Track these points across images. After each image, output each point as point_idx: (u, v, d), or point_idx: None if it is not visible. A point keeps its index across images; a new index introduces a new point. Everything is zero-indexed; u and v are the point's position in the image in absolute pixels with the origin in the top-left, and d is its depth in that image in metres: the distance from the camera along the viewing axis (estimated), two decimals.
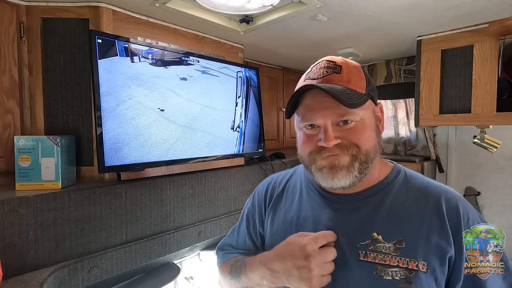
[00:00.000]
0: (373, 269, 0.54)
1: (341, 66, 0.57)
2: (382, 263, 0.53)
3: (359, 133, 0.55)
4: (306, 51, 1.77)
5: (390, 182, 0.61)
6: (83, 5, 1.07)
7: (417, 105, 1.59)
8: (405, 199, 0.58)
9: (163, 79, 1.16)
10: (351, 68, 0.58)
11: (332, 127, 0.55)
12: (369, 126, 0.57)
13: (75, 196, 0.97)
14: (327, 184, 0.57)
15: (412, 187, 0.60)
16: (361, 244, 0.56)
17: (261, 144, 1.55)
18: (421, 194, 0.58)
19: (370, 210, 0.58)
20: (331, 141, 0.54)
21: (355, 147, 0.55)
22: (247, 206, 0.79)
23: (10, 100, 1.02)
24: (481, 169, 1.83)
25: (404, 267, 0.52)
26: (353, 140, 0.55)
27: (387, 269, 0.53)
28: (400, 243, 0.54)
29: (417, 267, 0.52)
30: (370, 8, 1.19)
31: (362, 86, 0.57)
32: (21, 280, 0.83)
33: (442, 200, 0.56)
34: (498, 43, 1.33)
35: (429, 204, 0.56)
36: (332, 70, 0.57)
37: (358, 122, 0.55)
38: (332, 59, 0.59)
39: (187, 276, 1.55)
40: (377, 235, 0.55)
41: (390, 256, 0.54)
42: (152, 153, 1.11)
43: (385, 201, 0.58)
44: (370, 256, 0.55)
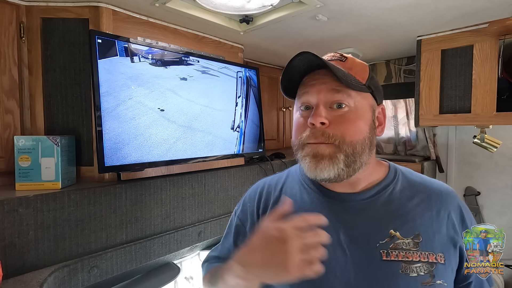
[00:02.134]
0: (399, 267, 0.52)
1: (346, 58, 0.59)
2: (406, 260, 0.52)
3: (348, 122, 0.53)
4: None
5: (392, 179, 0.61)
6: (83, 5, 1.07)
7: (417, 105, 1.59)
8: (410, 195, 0.58)
9: (163, 79, 1.16)
10: (356, 61, 0.59)
11: (325, 108, 0.54)
12: (362, 117, 0.55)
13: (75, 196, 0.97)
14: (311, 174, 0.55)
15: (413, 183, 0.60)
16: (380, 243, 0.54)
17: (261, 144, 1.55)
18: (423, 189, 0.59)
19: (380, 208, 0.57)
20: (318, 117, 0.52)
21: (340, 137, 0.53)
22: (237, 214, 0.73)
23: (10, 100, 1.02)
24: (481, 169, 1.83)
25: (425, 261, 0.52)
26: (340, 129, 0.53)
27: (411, 266, 0.52)
28: (418, 237, 0.54)
29: (436, 260, 0.52)
30: (370, 8, 1.19)
31: (363, 76, 0.57)
32: (21, 280, 0.83)
33: (443, 193, 0.59)
34: (498, 43, 1.33)
35: (433, 198, 0.58)
36: (337, 58, 0.59)
37: (351, 109, 0.54)
38: (339, 52, 0.61)
39: (187, 276, 1.54)
40: (395, 232, 0.54)
41: (412, 251, 0.53)
42: (152, 153, 1.11)
43: (393, 198, 0.58)
44: (392, 254, 0.53)
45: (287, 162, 1.74)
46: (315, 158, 0.54)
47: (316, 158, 0.53)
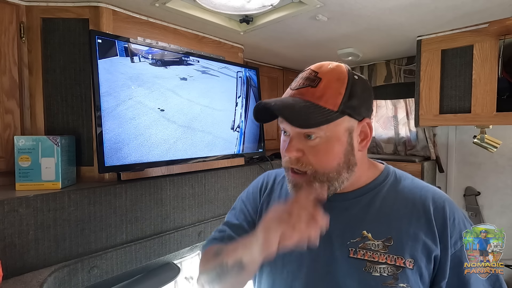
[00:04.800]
0: (362, 265, 0.55)
1: (320, 79, 0.55)
2: (371, 260, 0.55)
3: (319, 154, 0.55)
4: (306, 51, 1.77)
5: (380, 183, 0.62)
6: (83, 5, 1.07)
7: (417, 105, 1.59)
8: (394, 200, 0.60)
9: (163, 79, 1.16)
10: (332, 81, 0.55)
11: (298, 139, 0.56)
12: (334, 144, 0.55)
13: (75, 196, 0.97)
14: None
15: (402, 188, 0.61)
16: (351, 242, 0.57)
17: (261, 144, 1.55)
18: (410, 195, 0.60)
19: (361, 209, 0.60)
20: (291, 152, 0.56)
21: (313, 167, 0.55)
22: (241, 197, 0.79)
23: (10, 100, 1.02)
24: (481, 169, 1.83)
25: (392, 264, 0.54)
26: (311, 161, 0.55)
27: (375, 266, 0.55)
28: (389, 240, 0.56)
29: (404, 264, 0.54)
30: (370, 8, 1.19)
31: (335, 102, 0.54)
32: (21, 280, 0.83)
33: (429, 201, 0.58)
34: (498, 43, 1.33)
35: (417, 205, 0.58)
36: (309, 83, 0.56)
37: (322, 139, 0.55)
38: (317, 69, 0.57)
39: (187, 276, 1.54)
40: (367, 233, 0.57)
41: (379, 253, 0.55)
42: (152, 153, 1.11)
43: (375, 201, 0.60)
44: (359, 253, 0.56)
45: None
46: (295, 187, 0.58)
47: (296, 187, 0.58)
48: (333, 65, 0.57)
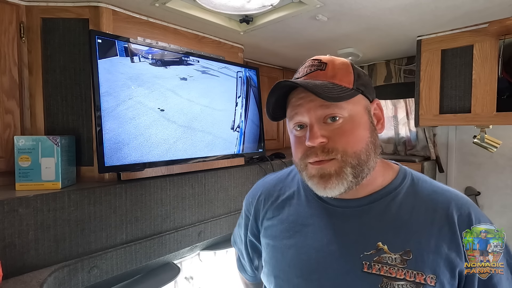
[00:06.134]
0: (378, 281, 0.50)
1: (326, 63, 0.55)
2: (388, 275, 0.50)
3: (346, 134, 0.51)
4: (306, 51, 1.77)
5: (397, 187, 0.56)
6: (83, 5, 1.07)
7: (417, 105, 1.59)
8: (413, 206, 0.54)
9: (163, 79, 1.16)
10: (337, 64, 0.55)
11: (319, 125, 0.52)
12: (359, 124, 0.53)
13: (75, 196, 0.96)
14: (320, 193, 0.54)
15: (420, 192, 0.56)
16: (365, 254, 0.52)
17: (261, 144, 1.55)
18: (430, 200, 0.54)
19: (375, 217, 0.54)
20: (316, 138, 0.50)
21: (342, 152, 0.51)
22: (244, 211, 0.75)
23: (10, 100, 1.02)
24: (481, 169, 1.83)
25: (411, 280, 0.49)
26: (340, 143, 0.51)
27: (393, 283, 0.49)
28: (408, 254, 0.50)
29: (425, 281, 0.48)
30: (370, 8, 1.19)
31: (348, 80, 0.54)
32: (21, 280, 0.83)
33: (453, 208, 0.52)
34: (498, 43, 1.33)
35: (438, 212, 0.52)
36: (316, 68, 0.55)
37: (346, 120, 0.52)
38: (317, 58, 0.57)
39: (187, 276, 1.54)
40: (383, 245, 0.52)
41: (397, 268, 0.50)
42: (152, 153, 1.11)
43: (391, 207, 0.54)
44: (374, 267, 0.51)
45: (287, 162, 1.74)
46: (323, 179, 0.52)
47: (323, 178, 0.52)
48: (327, 55, 0.58)
